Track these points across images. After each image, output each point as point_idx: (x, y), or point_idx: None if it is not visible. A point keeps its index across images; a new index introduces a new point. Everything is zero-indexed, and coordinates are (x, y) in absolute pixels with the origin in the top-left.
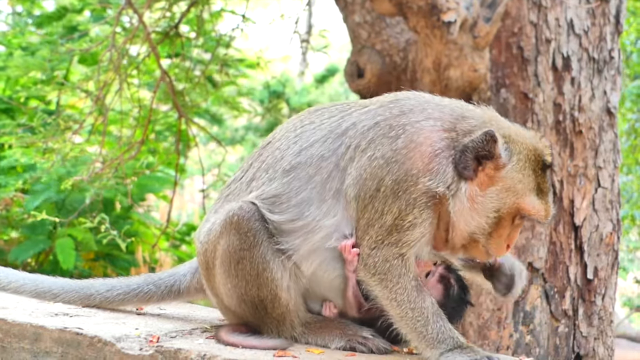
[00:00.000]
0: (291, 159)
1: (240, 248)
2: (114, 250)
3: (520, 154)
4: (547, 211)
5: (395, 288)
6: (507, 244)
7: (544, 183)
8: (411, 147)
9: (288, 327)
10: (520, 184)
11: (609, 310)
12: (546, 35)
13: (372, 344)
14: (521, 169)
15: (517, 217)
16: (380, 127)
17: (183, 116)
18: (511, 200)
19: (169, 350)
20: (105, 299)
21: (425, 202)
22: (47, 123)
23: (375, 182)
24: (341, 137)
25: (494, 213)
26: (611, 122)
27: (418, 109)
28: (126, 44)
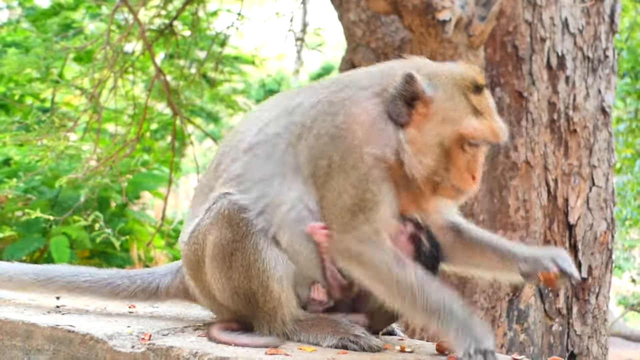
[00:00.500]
0: (250, 139)
1: (233, 240)
2: (108, 248)
3: (447, 84)
4: (493, 129)
5: (375, 267)
6: (471, 176)
7: (481, 104)
8: (350, 120)
9: (279, 323)
10: (454, 112)
11: (603, 309)
12: (541, 34)
13: (363, 342)
14: (450, 97)
15: (465, 145)
16: (322, 104)
17: (178, 114)
18: (449, 129)
19: (160, 348)
20: (68, 283)
21: (379, 176)
22: (42, 121)
23: (325, 160)
24: (291, 115)
25: (438, 148)
26: (606, 121)
27: (353, 83)
28: (121, 42)
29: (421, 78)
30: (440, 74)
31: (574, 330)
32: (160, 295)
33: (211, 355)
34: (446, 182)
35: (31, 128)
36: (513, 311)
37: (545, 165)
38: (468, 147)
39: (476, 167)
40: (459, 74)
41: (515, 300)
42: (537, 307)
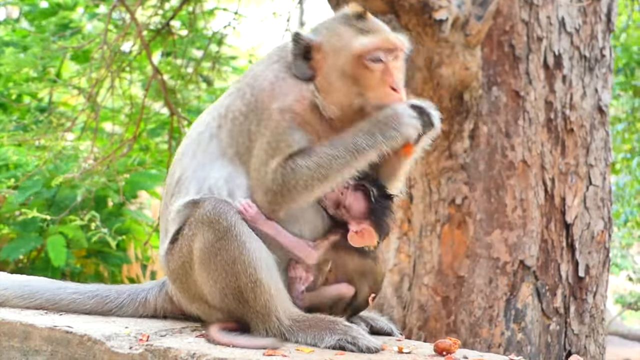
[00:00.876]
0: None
1: (216, 239)
2: (105, 248)
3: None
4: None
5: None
6: (389, 87)
7: (366, 25)
8: (256, 92)
9: (274, 321)
10: (340, 41)
11: (601, 308)
12: (537, 34)
13: (362, 343)
14: (334, 32)
15: (368, 63)
16: (232, 93)
17: (175, 114)
18: (344, 56)
19: (158, 349)
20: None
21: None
22: (39, 120)
23: (244, 136)
24: (211, 112)
25: (343, 80)
26: (602, 120)
27: (252, 67)
28: (118, 41)
29: (306, 32)
30: (323, 22)
31: (572, 329)
32: (149, 306)
33: (209, 357)
34: (370, 106)
35: (29, 128)
36: (510, 310)
37: (542, 165)
38: (372, 64)
39: (391, 78)
40: (340, 13)
41: (512, 300)
42: (535, 306)
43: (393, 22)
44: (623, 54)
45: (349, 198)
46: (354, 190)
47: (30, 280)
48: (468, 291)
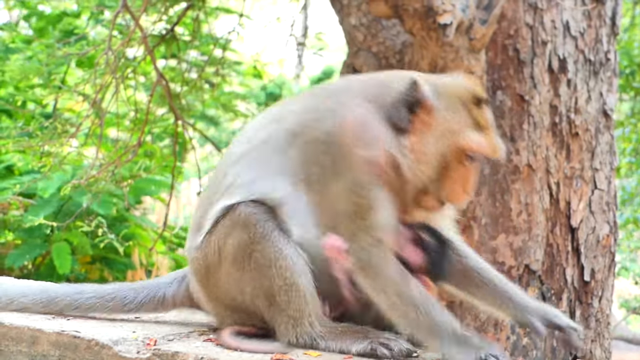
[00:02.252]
0: (239, 149)
1: (251, 242)
2: (110, 254)
3: (450, 96)
4: (492, 145)
5: (379, 277)
6: (463, 189)
7: (481, 118)
8: (340, 125)
9: (306, 327)
10: (455, 123)
11: (606, 313)
12: (542, 37)
13: (394, 345)
14: (453, 108)
15: (464, 158)
16: (310, 112)
17: (180, 119)
18: (450, 141)
19: (166, 353)
20: (73, 301)
21: (371, 179)
22: (44, 127)
23: (317, 167)
24: (278, 122)
25: (437, 158)
26: (607, 124)
27: (343, 90)
28: (123, 47)
29: (425, 85)
30: (442, 84)
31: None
32: (167, 304)
33: None
34: (436, 193)
35: (34, 134)
36: None
37: (547, 169)
38: (465, 160)
39: (470, 181)
40: (462, 86)
41: None
42: None
43: (397, 27)
44: (623, 57)
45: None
46: (412, 243)
47: (48, 287)
48: None
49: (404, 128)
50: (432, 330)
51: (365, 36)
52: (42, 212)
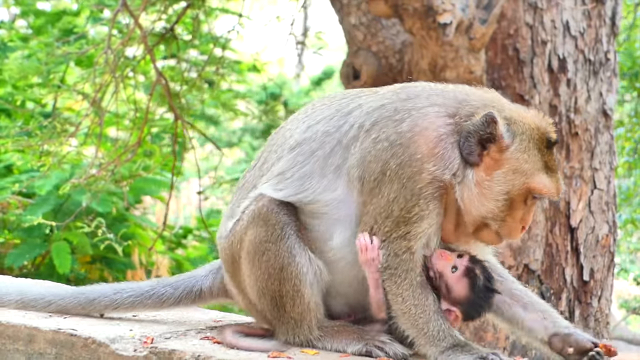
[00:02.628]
0: (297, 136)
1: (267, 240)
2: (110, 254)
3: (524, 134)
4: (558, 188)
5: (403, 283)
6: (522, 226)
7: (551, 160)
8: (416, 131)
9: (305, 330)
10: (527, 164)
11: (605, 312)
12: (542, 37)
13: (389, 348)
14: (526, 148)
15: (529, 198)
16: (386, 109)
17: (179, 118)
18: (520, 181)
19: (163, 351)
20: (112, 302)
21: (432, 193)
22: (44, 126)
23: (380, 165)
24: (346, 116)
25: (503, 196)
26: (607, 124)
27: (424, 95)
28: (122, 46)
29: (502, 122)
30: (518, 120)
31: None
32: (204, 297)
33: (213, 358)
34: (495, 228)
35: (33, 134)
36: None
37: None
38: (531, 200)
39: (529, 219)
40: (536, 125)
41: None
42: None
43: (397, 26)
44: (626, 59)
45: (454, 280)
46: (464, 272)
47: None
48: None
49: (473, 162)
50: (437, 337)
51: (365, 35)
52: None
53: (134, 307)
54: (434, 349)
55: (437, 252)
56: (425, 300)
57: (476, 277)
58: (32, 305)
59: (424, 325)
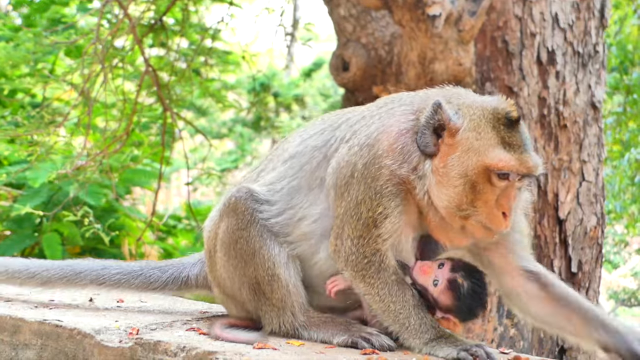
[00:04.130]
0: (292, 149)
1: (237, 228)
2: (99, 245)
3: (474, 114)
4: (522, 161)
5: (377, 283)
6: (501, 212)
7: (511, 137)
8: (380, 130)
9: (289, 317)
10: (478, 141)
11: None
12: (531, 29)
13: (375, 340)
14: (476, 127)
15: (493, 178)
16: (365, 119)
17: (167, 109)
18: (473, 160)
19: (148, 342)
20: (98, 277)
21: (391, 190)
22: (31, 116)
23: (349, 169)
24: (335, 130)
25: (461, 180)
26: (596, 116)
27: (397, 99)
28: (111, 37)
29: (449, 107)
30: (471, 104)
31: None
32: (190, 285)
33: (199, 350)
34: (474, 218)
35: (21, 124)
36: (503, 306)
37: None
38: (497, 180)
39: (506, 204)
40: (490, 106)
41: None
42: None
43: (387, 18)
44: (618, 53)
45: (438, 292)
46: (445, 287)
47: (72, 262)
48: None
49: (430, 153)
50: (420, 329)
51: (355, 27)
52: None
53: (120, 285)
54: (418, 341)
55: (417, 265)
56: (403, 297)
57: (459, 287)
58: (16, 276)
59: (405, 320)
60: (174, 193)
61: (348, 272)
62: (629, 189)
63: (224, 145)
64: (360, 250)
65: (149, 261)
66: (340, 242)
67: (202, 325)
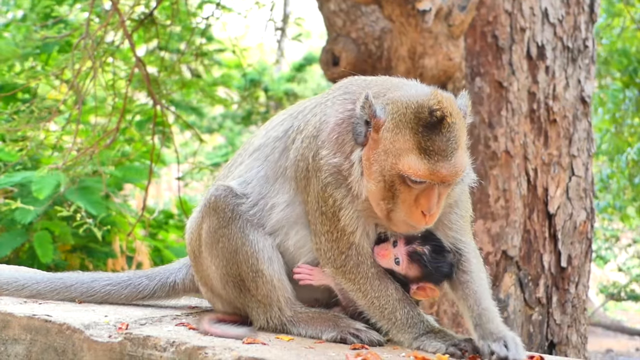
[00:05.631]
0: (257, 141)
1: (219, 226)
2: (91, 242)
3: (396, 113)
4: (434, 170)
5: (357, 279)
6: (420, 211)
7: (428, 141)
8: (322, 120)
9: (276, 312)
10: (394, 144)
11: (583, 298)
12: (521, 24)
13: (364, 335)
14: (395, 128)
15: (408, 181)
16: (315, 108)
17: (158, 104)
18: (388, 162)
19: (137, 337)
20: (88, 289)
21: (331, 182)
22: (21, 110)
23: (305, 162)
24: (293, 119)
25: (379, 177)
26: (585, 111)
27: (343, 87)
28: (101, 31)
29: (377, 101)
30: (399, 100)
31: (554, 319)
32: (177, 290)
33: (188, 345)
34: (395, 214)
35: (10, 118)
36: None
37: (525, 155)
38: (413, 184)
39: (426, 204)
40: (415, 104)
41: (495, 290)
42: (517, 296)
43: (377, 13)
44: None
45: (403, 268)
46: (407, 262)
47: (61, 275)
48: None
49: (361, 143)
50: (408, 324)
51: (345, 22)
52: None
53: (110, 295)
54: (407, 336)
55: (374, 252)
56: (385, 291)
57: (421, 255)
58: (4, 288)
59: (391, 315)
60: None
61: (329, 269)
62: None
63: (214, 140)
64: (334, 245)
65: (136, 271)
66: (318, 240)
67: (191, 321)
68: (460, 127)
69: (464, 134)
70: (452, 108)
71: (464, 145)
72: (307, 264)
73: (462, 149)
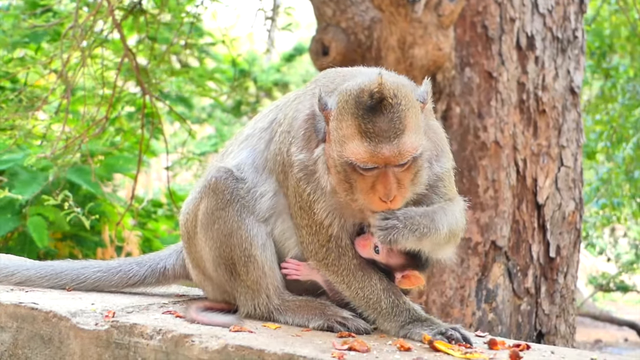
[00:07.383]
0: (246, 131)
1: (217, 208)
2: (81, 231)
3: (341, 102)
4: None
5: (340, 271)
6: (378, 197)
7: (369, 123)
8: (294, 116)
9: (264, 299)
10: (339, 132)
11: (571, 289)
12: (510, 15)
13: (351, 324)
14: (339, 114)
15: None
16: (293, 102)
17: (147, 94)
18: (336, 151)
19: (124, 325)
20: (78, 276)
21: (301, 177)
22: (10, 99)
23: (280, 157)
24: (279, 111)
25: (334, 168)
26: (574, 102)
27: (316, 81)
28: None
29: (326, 93)
30: (345, 88)
31: (542, 309)
32: (168, 276)
33: (175, 333)
34: (358, 203)
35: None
36: (482, 291)
37: (514, 146)
38: (361, 170)
39: (383, 189)
40: (357, 89)
41: (484, 280)
42: (506, 286)
43: (366, 2)
44: (594, 38)
45: (384, 257)
46: (388, 250)
47: (51, 262)
48: (440, 271)
49: (321, 137)
50: (393, 312)
51: (334, 11)
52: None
53: (100, 282)
54: (393, 324)
55: (355, 243)
56: (369, 281)
57: None
58: None
59: (376, 304)
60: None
61: (313, 263)
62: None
63: (203, 129)
64: (315, 239)
65: (126, 258)
66: (300, 233)
67: (178, 309)
68: (408, 109)
69: (414, 117)
70: (396, 90)
71: (413, 127)
72: (295, 259)
73: (410, 130)
